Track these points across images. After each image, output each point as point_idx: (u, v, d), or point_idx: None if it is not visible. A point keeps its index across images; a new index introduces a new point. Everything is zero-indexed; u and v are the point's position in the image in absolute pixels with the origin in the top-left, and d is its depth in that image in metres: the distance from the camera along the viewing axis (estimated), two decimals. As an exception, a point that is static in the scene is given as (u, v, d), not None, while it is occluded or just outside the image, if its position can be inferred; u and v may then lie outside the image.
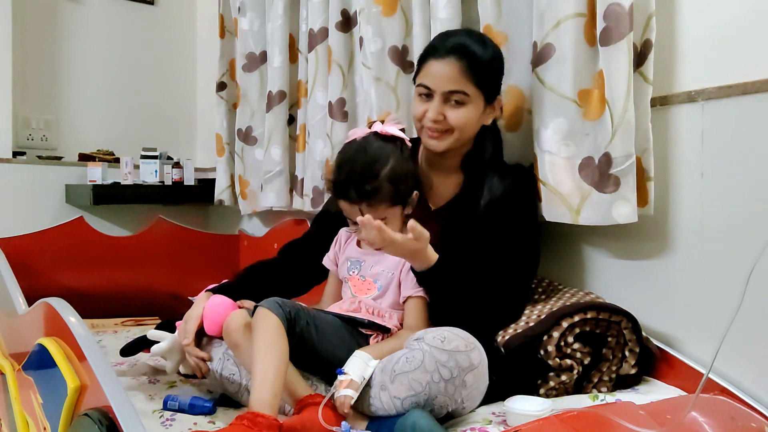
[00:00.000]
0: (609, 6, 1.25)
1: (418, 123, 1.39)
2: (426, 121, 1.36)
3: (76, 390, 1.17)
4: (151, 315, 2.32)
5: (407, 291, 1.30)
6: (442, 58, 1.33)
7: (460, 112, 1.34)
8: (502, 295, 1.30)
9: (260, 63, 2.33)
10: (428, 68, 1.36)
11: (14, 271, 1.89)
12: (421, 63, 1.39)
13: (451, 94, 1.33)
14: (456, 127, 1.34)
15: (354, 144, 1.34)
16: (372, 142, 1.32)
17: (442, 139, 1.36)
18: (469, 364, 1.08)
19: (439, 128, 1.35)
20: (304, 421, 1.05)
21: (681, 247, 1.31)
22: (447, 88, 1.33)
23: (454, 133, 1.35)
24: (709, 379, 1.14)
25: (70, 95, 2.61)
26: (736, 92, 1.20)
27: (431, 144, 1.38)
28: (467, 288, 1.28)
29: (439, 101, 1.34)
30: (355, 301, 1.33)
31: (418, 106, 1.38)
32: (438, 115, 1.34)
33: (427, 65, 1.36)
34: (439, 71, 1.33)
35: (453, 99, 1.33)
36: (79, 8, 2.64)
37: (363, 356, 1.14)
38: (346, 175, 1.30)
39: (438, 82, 1.33)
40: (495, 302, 1.30)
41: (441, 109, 1.34)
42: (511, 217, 1.35)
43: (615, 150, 1.27)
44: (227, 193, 2.52)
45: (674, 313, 1.33)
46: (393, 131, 1.33)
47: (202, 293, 1.40)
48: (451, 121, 1.34)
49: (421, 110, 1.36)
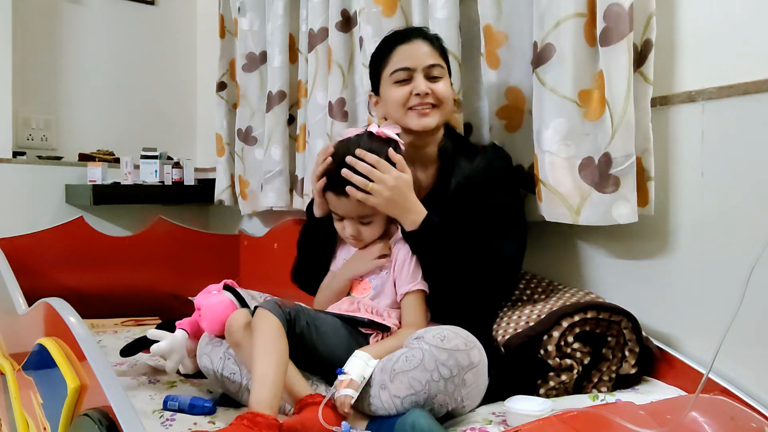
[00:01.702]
0: (609, 6, 1.25)
1: (403, 108, 1.37)
2: (413, 100, 1.36)
3: (76, 390, 1.17)
4: (151, 315, 2.32)
5: (403, 287, 1.31)
6: (410, 40, 1.38)
7: (442, 85, 1.37)
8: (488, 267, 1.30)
9: (260, 63, 2.33)
10: (400, 53, 1.38)
11: (14, 271, 1.89)
12: (387, 54, 1.39)
13: (432, 68, 1.36)
14: (443, 100, 1.37)
15: (348, 140, 1.34)
16: (366, 140, 1.32)
17: (432, 114, 1.37)
18: (469, 362, 1.08)
19: (429, 102, 1.36)
20: (304, 421, 1.05)
21: (681, 246, 1.31)
22: (427, 63, 1.36)
23: (441, 107, 1.37)
24: (709, 379, 1.15)
25: (70, 95, 2.61)
26: (736, 92, 1.20)
27: (424, 122, 1.36)
28: (457, 250, 1.29)
29: (422, 77, 1.35)
30: (353, 302, 1.33)
31: (398, 92, 1.37)
32: (426, 88, 1.35)
33: (398, 51, 1.38)
34: (414, 50, 1.37)
35: (433, 73, 1.36)
36: (79, 8, 2.64)
37: (363, 356, 1.14)
38: (337, 166, 1.30)
39: (417, 59, 1.36)
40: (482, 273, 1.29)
41: (427, 83, 1.35)
42: (485, 193, 1.35)
43: (615, 150, 1.27)
44: (227, 193, 2.52)
45: (674, 313, 1.33)
46: (389, 133, 1.33)
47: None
48: (438, 94, 1.36)
49: (405, 92, 1.36)
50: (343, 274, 1.38)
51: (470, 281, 1.29)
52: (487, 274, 1.30)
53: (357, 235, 1.35)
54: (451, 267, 1.29)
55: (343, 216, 1.34)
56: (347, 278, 1.37)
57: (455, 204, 1.36)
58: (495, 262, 1.30)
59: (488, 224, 1.32)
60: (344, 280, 1.37)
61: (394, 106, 1.38)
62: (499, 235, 1.32)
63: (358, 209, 1.31)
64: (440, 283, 1.31)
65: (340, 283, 1.38)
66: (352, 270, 1.37)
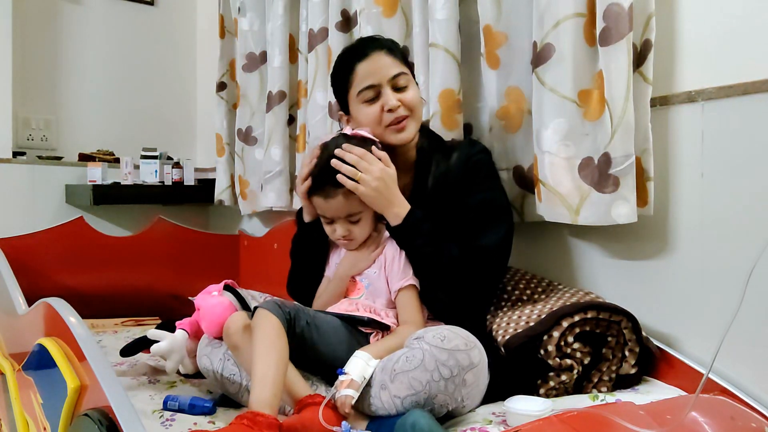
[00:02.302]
0: (608, 6, 1.25)
1: (379, 126, 1.36)
2: (386, 117, 1.35)
3: (76, 390, 1.17)
4: (151, 315, 2.32)
5: (395, 283, 1.31)
6: (368, 56, 1.36)
7: (410, 92, 1.37)
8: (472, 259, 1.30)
9: (260, 63, 2.33)
10: (362, 71, 1.36)
11: (14, 271, 1.89)
12: (349, 75, 1.38)
13: (397, 78, 1.36)
14: (414, 107, 1.37)
15: (328, 143, 1.35)
16: (345, 140, 1.33)
17: (407, 127, 1.37)
18: (469, 362, 1.08)
19: (400, 115, 1.35)
20: (304, 421, 1.05)
21: (681, 247, 1.31)
22: (391, 74, 1.35)
23: (414, 114, 1.38)
24: (709, 379, 1.15)
25: (70, 95, 2.61)
26: (736, 92, 1.20)
27: (402, 136, 1.37)
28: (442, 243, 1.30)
29: (389, 91, 1.35)
30: (352, 303, 1.33)
31: (370, 111, 1.36)
32: (396, 102, 1.35)
33: (359, 69, 1.36)
34: (375, 64, 1.36)
35: (399, 83, 1.36)
36: (79, 8, 2.64)
37: (363, 356, 1.14)
38: (320, 169, 1.31)
39: (380, 73, 1.35)
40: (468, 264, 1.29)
41: (395, 96, 1.35)
42: (463, 188, 1.35)
43: (614, 150, 1.27)
44: (227, 193, 2.52)
45: (674, 313, 1.33)
46: (363, 133, 1.35)
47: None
48: (407, 102, 1.36)
49: (375, 110, 1.35)
50: (342, 272, 1.38)
51: (457, 272, 1.29)
52: (472, 266, 1.30)
53: (348, 235, 1.34)
54: (437, 259, 1.29)
55: (333, 218, 1.34)
56: (347, 276, 1.37)
57: (434, 201, 1.37)
58: (479, 255, 1.30)
59: (470, 219, 1.33)
60: (343, 278, 1.37)
61: (369, 125, 1.37)
62: (481, 228, 1.32)
63: (346, 208, 1.31)
64: (428, 276, 1.31)
65: (339, 282, 1.38)
66: (351, 267, 1.37)
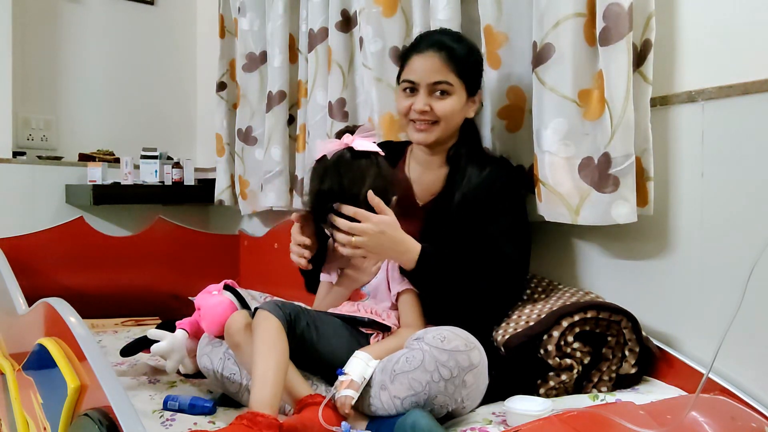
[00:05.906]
0: (608, 6, 1.25)
1: (404, 118, 1.42)
2: (413, 114, 1.39)
3: (76, 390, 1.17)
4: (151, 315, 2.32)
5: (396, 287, 1.32)
6: (423, 52, 1.39)
7: (445, 103, 1.38)
8: (489, 283, 1.30)
9: (260, 63, 2.33)
10: (411, 64, 1.40)
11: (14, 271, 1.88)
12: (404, 61, 1.43)
13: (436, 85, 1.37)
14: (442, 118, 1.38)
15: (328, 163, 1.30)
16: (346, 161, 1.28)
17: (429, 131, 1.39)
18: (469, 363, 1.08)
19: (426, 119, 1.38)
20: (304, 421, 1.05)
21: (681, 247, 1.31)
22: (431, 80, 1.37)
23: (441, 123, 1.39)
24: (709, 379, 1.15)
25: (70, 95, 2.61)
26: (736, 92, 1.20)
27: (419, 137, 1.40)
28: (455, 279, 1.29)
29: (425, 93, 1.38)
30: (353, 304, 1.34)
31: (402, 102, 1.41)
32: (424, 106, 1.37)
33: (410, 61, 1.40)
34: (422, 64, 1.38)
35: (438, 90, 1.37)
36: (79, 8, 2.63)
37: (363, 356, 1.14)
38: (322, 201, 1.27)
39: (421, 74, 1.37)
40: (484, 290, 1.29)
41: (427, 101, 1.37)
42: (489, 205, 1.35)
43: (614, 150, 1.27)
44: (227, 193, 2.52)
45: (674, 313, 1.33)
46: (366, 147, 1.30)
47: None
48: (437, 112, 1.37)
49: (406, 105, 1.40)
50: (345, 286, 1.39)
51: (476, 299, 1.29)
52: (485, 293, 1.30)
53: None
54: (455, 292, 1.29)
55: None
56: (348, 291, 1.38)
57: (457, 217, 1.36)
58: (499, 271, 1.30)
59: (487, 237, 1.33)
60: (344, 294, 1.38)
61: (398, 112, 1.43)
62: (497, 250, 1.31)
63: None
64: (446, 305, 1.30)
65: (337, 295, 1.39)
66: (353, 282, 1.38)
